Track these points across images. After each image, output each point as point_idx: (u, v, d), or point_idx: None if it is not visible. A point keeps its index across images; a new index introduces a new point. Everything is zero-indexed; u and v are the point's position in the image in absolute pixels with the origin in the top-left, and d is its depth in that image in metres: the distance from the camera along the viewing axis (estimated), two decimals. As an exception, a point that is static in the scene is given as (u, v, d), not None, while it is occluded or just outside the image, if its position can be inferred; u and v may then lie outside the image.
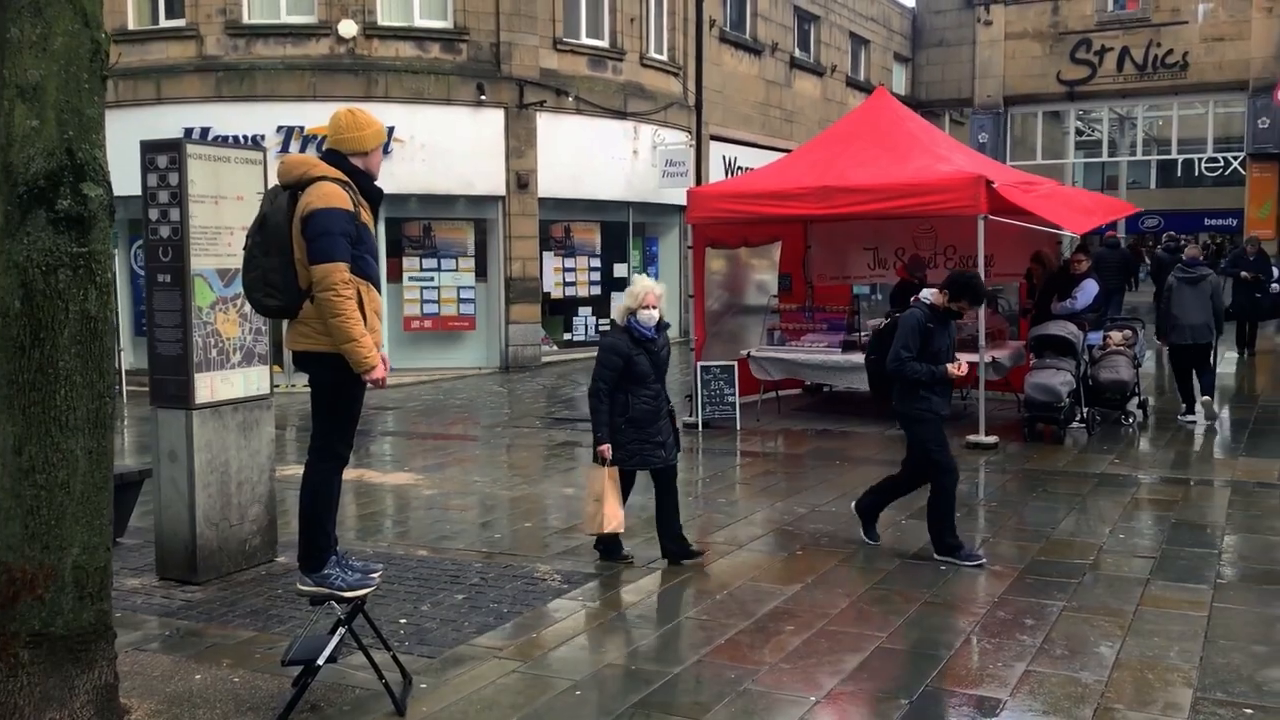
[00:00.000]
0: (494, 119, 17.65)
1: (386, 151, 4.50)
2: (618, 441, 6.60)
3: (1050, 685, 4.89)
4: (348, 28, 16.78)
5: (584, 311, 19.74)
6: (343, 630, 4.66)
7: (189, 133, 15.57)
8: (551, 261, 18.97)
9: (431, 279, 17.72)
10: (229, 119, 16.33)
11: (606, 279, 19.86)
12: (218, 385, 6.43)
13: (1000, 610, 5.91)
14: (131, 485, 7.41)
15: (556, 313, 19.34)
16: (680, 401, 11.88)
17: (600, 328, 19.71)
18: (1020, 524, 7.80)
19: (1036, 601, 6.03)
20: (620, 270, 20.06)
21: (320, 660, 4.54)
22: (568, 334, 19.62)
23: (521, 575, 6.59)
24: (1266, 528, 7.52)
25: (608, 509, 6.53)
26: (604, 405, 6.55)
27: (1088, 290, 11.24)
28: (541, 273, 18.54)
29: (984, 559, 6.74)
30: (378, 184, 4.95)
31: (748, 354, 12.41)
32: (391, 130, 15.84)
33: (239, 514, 6.61)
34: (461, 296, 17.90)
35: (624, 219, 20.16)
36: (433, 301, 17.76)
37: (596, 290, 19.78)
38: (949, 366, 6.74)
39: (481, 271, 18.03)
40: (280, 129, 16.32)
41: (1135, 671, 5.03)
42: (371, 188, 4.88)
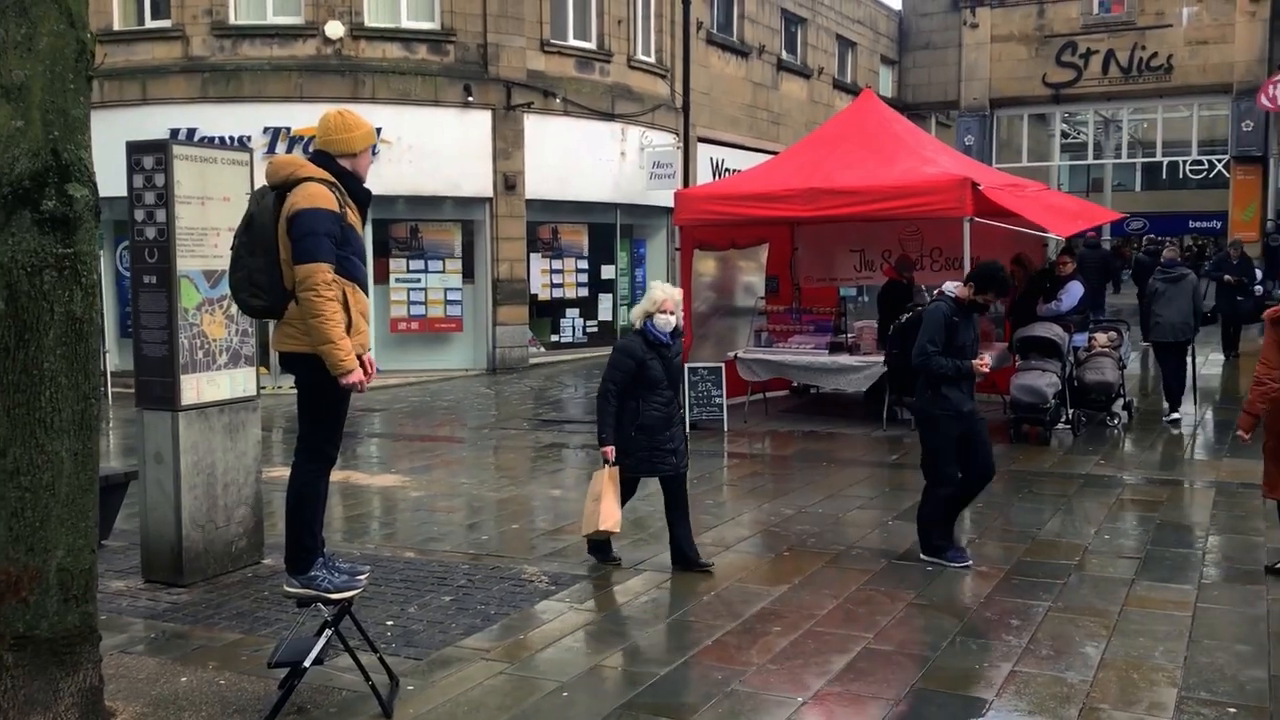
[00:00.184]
0: (481, 120, 17.64)
1: (374, 153, 4.50)
2: (628, 448, 6.58)
3: (1036, 685, 4.91)
4: (334, 29, 16.75)
5: (571, 313, 19.73)
6: (329, 632, 4.66)
7: (175, 133, 15.52)
8: (539, 263, 18.94)
9: (418, 280, 17.69)
10: (215, 120, 16.28)
11: (594, 281, 19.86)
12: (204, 387, 6.40)
13: (986, 611, 5.94)
14: (117, 487, 7.37)
15: (544, 314, 19.32)
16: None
17: (588, 329, 19.76)
18: (1006, 525, 7.83)
19: (1022, 602, 6.06)
20: (608, 272, 20.08)
21: (307, 662, 4.53)
22: (555, 336, 19.59)
23: (509, 577, 6.59)
24: (1250, 528, 7.56)
25: (605, 507, 6.53)
26: (611, 406, 6.53)
27: (1073, 292, 11.32)
28: (529, 274, 18.51)
29: (970, 560, 6.75)
30: (366, 186, 4.95)
31: (735, 355, 12.43)
32: (379, 131, 15.70)
33: (225, 516, 6.58)
34: (448, 298, 17.87)
35: (611, 221, 20.15)
36: (420, 303, 17.73)
37: (584, 292, 19.77)
38: (974, 362, 6.62)
39: (469, 273, 18.01)
40: (267, 130, 16.28)
41: (1120, 671, 5.06)
42: (360, 190, 4.87)
